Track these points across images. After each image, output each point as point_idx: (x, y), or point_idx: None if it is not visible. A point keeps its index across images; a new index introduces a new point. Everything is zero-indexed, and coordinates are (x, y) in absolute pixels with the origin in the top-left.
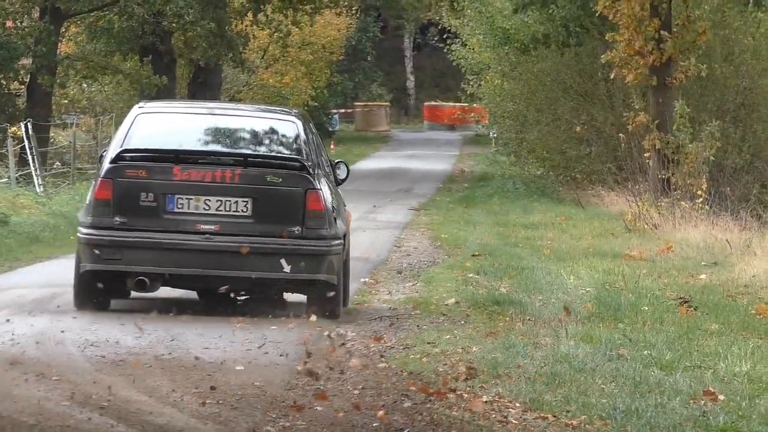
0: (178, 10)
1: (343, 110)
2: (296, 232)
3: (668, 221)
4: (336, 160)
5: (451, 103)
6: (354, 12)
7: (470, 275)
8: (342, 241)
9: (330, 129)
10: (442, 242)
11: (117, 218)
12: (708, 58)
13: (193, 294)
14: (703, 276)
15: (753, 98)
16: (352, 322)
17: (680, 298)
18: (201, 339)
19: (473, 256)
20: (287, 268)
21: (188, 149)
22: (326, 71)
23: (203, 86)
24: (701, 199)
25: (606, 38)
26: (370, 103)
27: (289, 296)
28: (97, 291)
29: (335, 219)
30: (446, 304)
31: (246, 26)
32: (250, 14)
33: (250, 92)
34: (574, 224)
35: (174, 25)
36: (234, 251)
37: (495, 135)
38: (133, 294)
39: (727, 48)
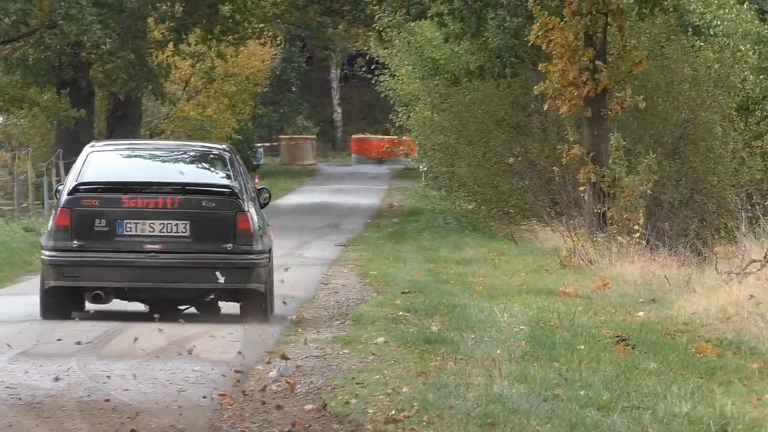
0: (96, 41)
1: (267, 143)
2: (228, 248)
3: (604, 257)
4: (259, 187)
5: (380, 136)
6: (278, 42)
7: (400, 313)
8: (268, 255)
9: (254, 162)
10: (371, 279)
11: (75, 241)
12: (645, 89)
13: (115, 332)
14: (641, 313)
15: (692, 130)
16: (278, 362)
17: (617, 336)
18: (121, 380)
19: (403, 293)
20: (222, 279)
21: (134, 181)
22: (250, 103)
23: (123, 119)
24: (638, 234)
25: (539, 69)
26: (295, 136)
27: (205, 340)
28: (60, 304)
29: (261, 237)
30: (375, 343)
31: (167, 57)
32: (171, 45)
33: (171, 125)
34: (507, 260)
35: (92, 56)
36: (176, 266)
37: (425, 168)
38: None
39: (666, 78)
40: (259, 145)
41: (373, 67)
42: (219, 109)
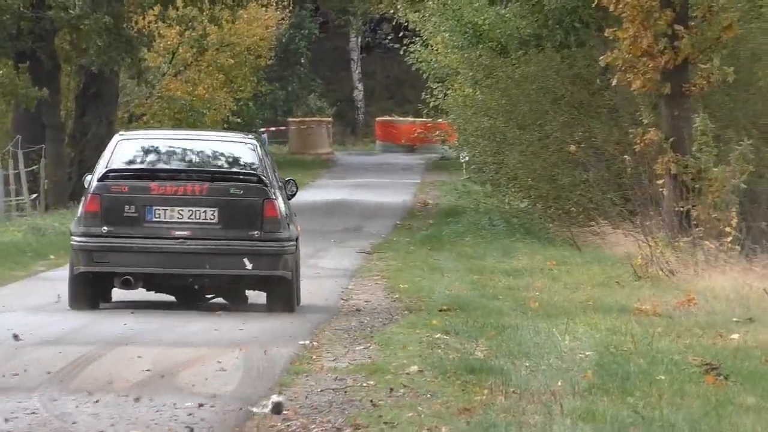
0: (64, 1)
1: (273, 128)
2: (256, 235)
3: (689, 266)
4: (286, 178)
5: (410, 119)
6: (286, 5)
7: (437, 336)
8: (295, 242)
9: None
10: (401, 294)
11: (105, 227)
12: (737, 59)
13: (91, 357)
14: (735, 336)
15: None
16: (291, 396)
17: (706, 364)
18: (94, 421)
19: (441, 311)
20: (249, 266)
21: (163, 168)
22: (251, 79)
23: (96, 99)
24: (731, 238)
25: (606, 36)
26: (307, 119)
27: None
28: (88, 291)
29: (288, 224)
30: (407, 373)
31: (149, 22)
32: (155, 8)
33: (155, 105)
34: (569, 270)
35: (59, 19)
36: (204, 252)
37: (466, 158)
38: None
39: (765, 45)
40: (263, 130)
41: (401, 34)
42: (213, 87)
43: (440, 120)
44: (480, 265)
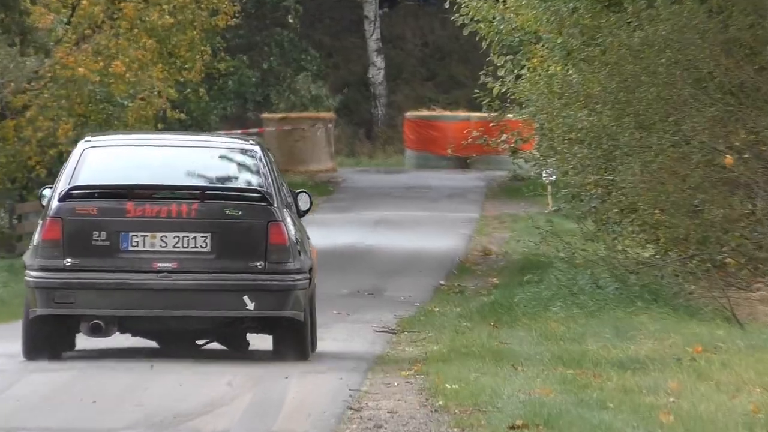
0: None
1: (238, 130)
2: (259, 266)
3: None
4: (298, 190)
5: (461, 114)
6: None
7: None
8: (308, 275)
9: None
10: (448, 400)
11: (68, 259)
12: None
13: (63, 390)
14: None
15: None
16: None
17: None
18: None
19: (513, 429)
20: (251, 306)
21: (141, 183)
22: (203, 49)
23: None
24: None
25: None
26: (294, 116)
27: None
28: (48, 338)
29: (299, 252)
30: None
31: None
32: None
33: (45, 92)
34: (725, 360)
35: None
36: (194, 290)
37: (552, 178)
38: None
39: None
40: (224, 134)
41: None
42: (140, 62)
43: (510, 116)
44: (577, 353)
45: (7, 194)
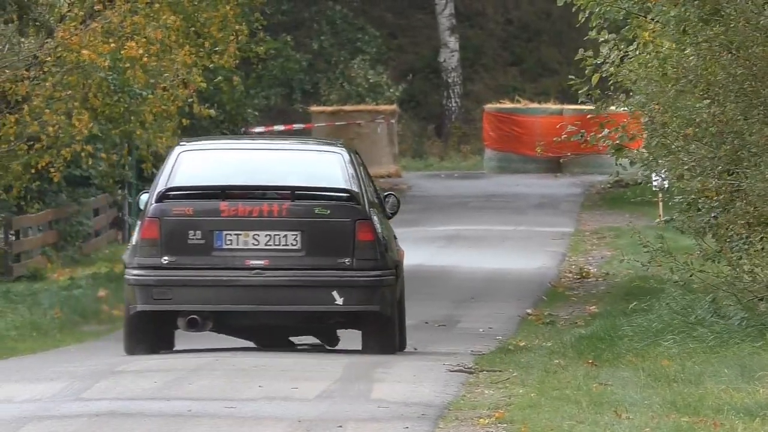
0: None
1: (281, 126)
2: (347, 263)
3: None
4: (385, 192)
5: (553, 106)
6: None
7: None
8: (395, 272)
9: None
10: None
11: (165, 257)
12: None
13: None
14: None
15: None
16: None
17: None
18: None
19: None
20: (339, 301)
21: (235, 184)
22: (237, 28)
23: None
24: None
25: None
26: (348, 108)
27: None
28: (148, 334)
29: (386, 249)
30: None
31: None
32: None
33: (49, 79)
34: None
35: None
36: (285, 286)
37: (665, 183)
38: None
39: None
40: (259, 130)
41: None
42: (162, 45)
43: (612, 108)
44: (694, 397)
45: (1, 205)
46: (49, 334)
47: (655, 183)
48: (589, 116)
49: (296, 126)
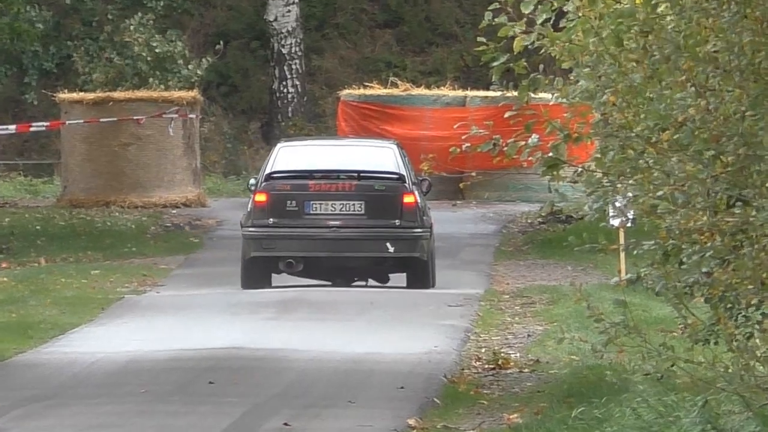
0: None
1: (11, 127)
2: (396, 223)
3: None
4: (420, 177)
5: (449, 92)
6: None
7: None
8: (429, 230)
9: None
10: None
11: (271, 219)
12: None
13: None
14: None
15: None
16: None
17: None
18: None
19: None
20: (391, 249)
21: (318, 169)
22: None
23: None
24: None
25: None
26: (123, 97)
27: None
28: (257, 273)
29: (424, 214)
30: None
31: None
32: None
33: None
34: None
35: None
36: (353, 238)
37: (628, 218)
38: None
39: None
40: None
41: None
42: None
43: (543, 96)
44: None
45: None
46: None
47: (612, 218)
48: (506, 111)
49: (35, 126)
